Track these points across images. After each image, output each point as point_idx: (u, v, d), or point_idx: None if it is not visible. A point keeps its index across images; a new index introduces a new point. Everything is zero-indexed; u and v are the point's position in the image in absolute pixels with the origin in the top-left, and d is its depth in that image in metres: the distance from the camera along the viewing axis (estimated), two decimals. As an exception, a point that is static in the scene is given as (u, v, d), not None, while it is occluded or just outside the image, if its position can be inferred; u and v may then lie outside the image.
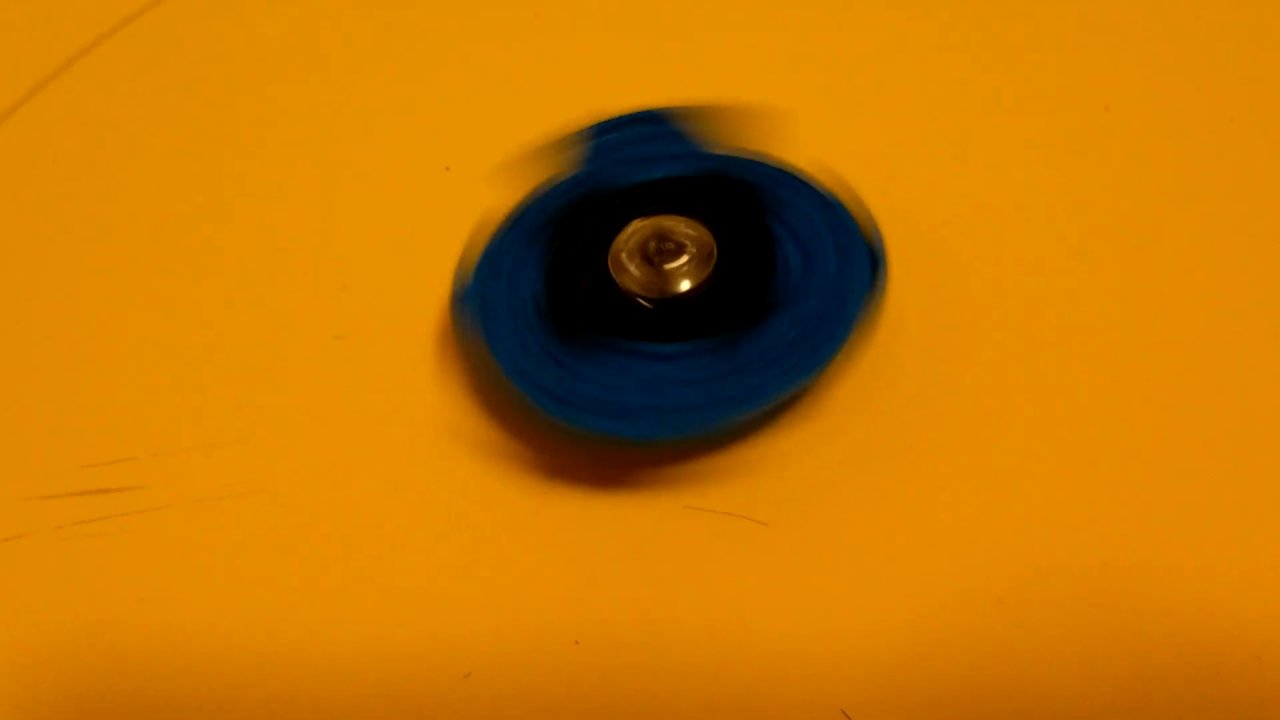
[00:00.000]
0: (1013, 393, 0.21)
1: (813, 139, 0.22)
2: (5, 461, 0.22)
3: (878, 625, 0.19)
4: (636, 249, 0.20)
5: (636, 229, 0.21)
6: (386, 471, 0.21)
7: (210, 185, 0.26)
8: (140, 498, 0.21)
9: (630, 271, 0.20)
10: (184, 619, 0.20)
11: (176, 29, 0.30)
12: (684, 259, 0.20)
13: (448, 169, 0.26)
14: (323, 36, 0.29)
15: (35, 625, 0.20)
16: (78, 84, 0.29)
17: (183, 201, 0.26)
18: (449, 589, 0.20)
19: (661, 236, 0.21)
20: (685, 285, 0.20)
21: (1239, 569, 0.19)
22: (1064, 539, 0.19)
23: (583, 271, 0.21)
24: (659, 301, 0.20)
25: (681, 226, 0.21)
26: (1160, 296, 0.22)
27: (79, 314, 0.24)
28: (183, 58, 0.29)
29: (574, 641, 0.19)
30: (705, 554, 0.20)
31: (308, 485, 0.21)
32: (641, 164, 0.22)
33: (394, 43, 0.29)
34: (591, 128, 0.23)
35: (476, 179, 0.24)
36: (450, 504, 0.21)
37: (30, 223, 0.26)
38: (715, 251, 0.20)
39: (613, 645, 0.19)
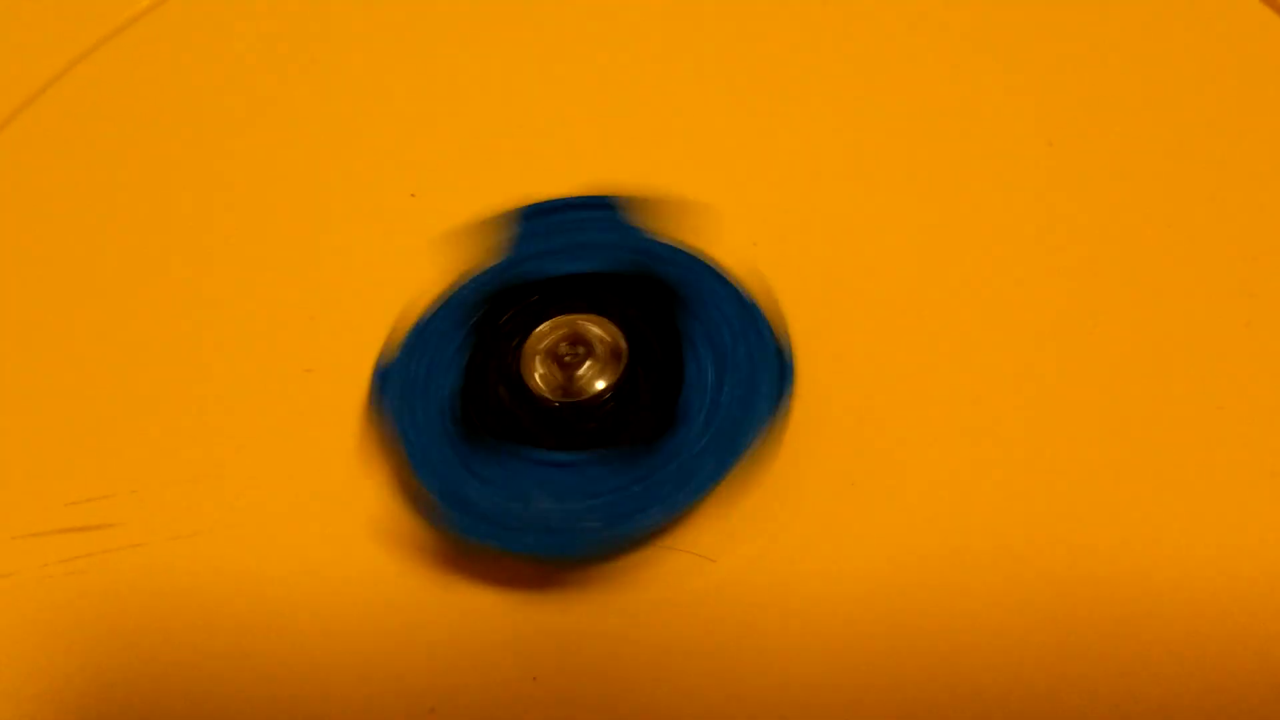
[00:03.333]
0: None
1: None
2: (-6, 500, 0.23)
3: (820, 661, 0.20)
4: (548, 351, 0.21)
5: (550, 328, 0.21)
6: (357, 507, 0.22)
7: (176, 220, 0.27)
8: (118, 534, 0.22)
9: (540, 372, 0.21)
10: (162, 654, 0.21)
11: (143, 58, 0.30)
12: (589, 364, 0.21)
13: (413, 195, 0.26)
14: (296, 67, 0.29)
15: (25, 662, 0.21)
16: (53, 122, 0.29)
17: (152, 238, 0.26)
18: (414, 625, 0.21)
19: (574, 339, 0.21)
20: (597, 387, 0.21)
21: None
22: (1020, 572, 0.20)
23: (495, 368, 0.21)
24: (566, 405, 0.20)
25: (594, 328, 0.21)
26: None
27: (55, 353, 0.25)
28: (155, 81, 0.29)
29: (531, 678, 0.20)
30: (656, 589, 0.21)
31: (279, 520, 0.22)
32: (568, 252, 0.22)
33: (364, 75, 0.29)
34: (522, 209, 0.23)
35: (442, 207, 0.24)
36: (419, 540, 0.22)
37: None
38: (625, 355, 0.21)
39: (569, 680, 0.20)
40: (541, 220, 0.23)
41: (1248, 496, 0.20)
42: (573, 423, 0.20)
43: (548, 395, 0.21)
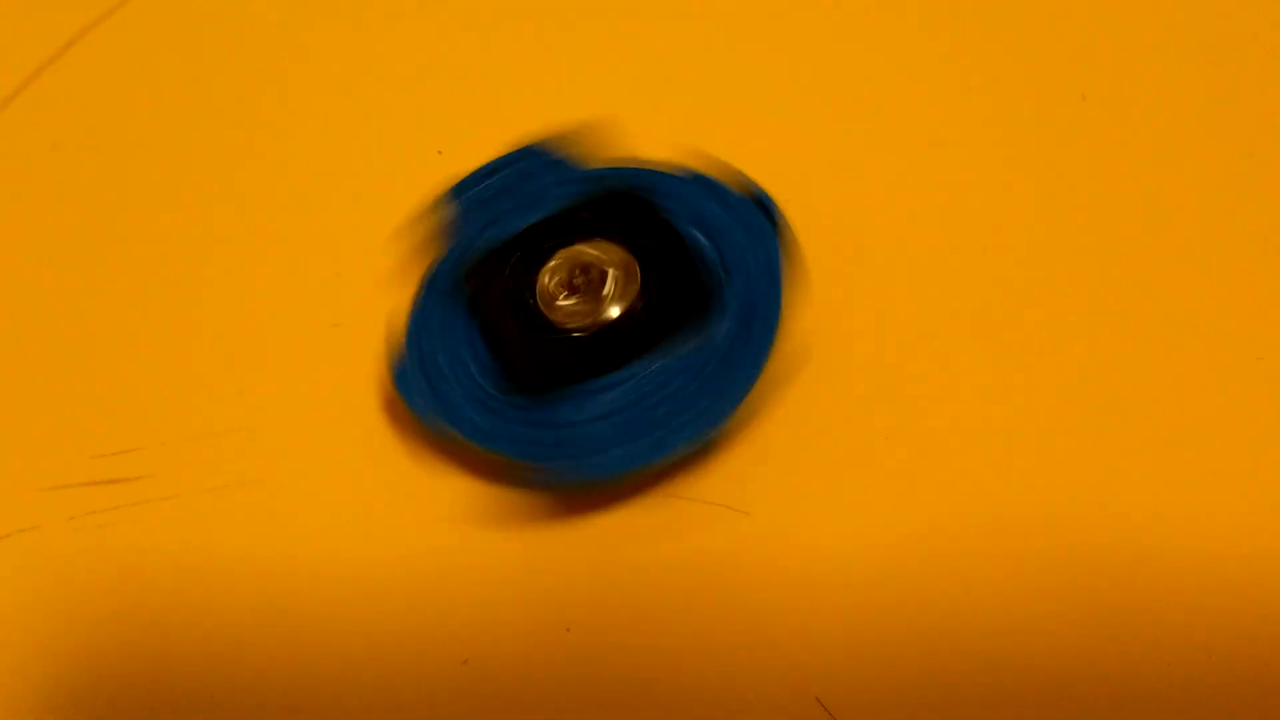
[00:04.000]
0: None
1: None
2: (18, 452, 0.23)
3: (851, 614, 0.20)
4: (562, 284, 0.21)
5: (553, 268, 0.21)
6: (389, 458, 0.22)
7: (205, 174, 0.26)
8: (148, 487, 0.22)
9: (564, 307, 0.21)
10: (191, 606, 0.21)
11: (157, 25, 0.30)
12: (610, 280, 0.21)
13: (440, 152, 0.26)
14: (316, 25, 0.29)
15: (53, 614, 0.21)
16: (67, 76, 0.29)
17: (180, 192, 0.26)
18: (447, 577, 0.21)
19: (582, 267, 0.21)
20: (621, 304, 0.20)
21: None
22: (1041, 521, 0.20)
23: (517, 323, 0.21)
24: (602, 329, 0.20)
25: (593, 250, 0.21)
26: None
27: (84, 307, 0.25)
28: (170, 48, 0.29)
29: (565, 629, 0.20)
30: (689, 541, 0.21)
31: (310, 472, 0.22)
32: (520, 208, 0.22)
33: (386, 34, 0.29)
34: (452, 189, 0.23)
35: (468, 162, 0.24)
36: (451, 491, 0.22)
37: (32, 219, 0.26)
38: (636, 264, 0.21)
39: (602, 631, 0.20)
40: (474, 191, 0.23)
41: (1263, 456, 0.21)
42: (615, 341, 0.20)
43: (581, 326, 0.20)
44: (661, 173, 0.22)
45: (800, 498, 0.21)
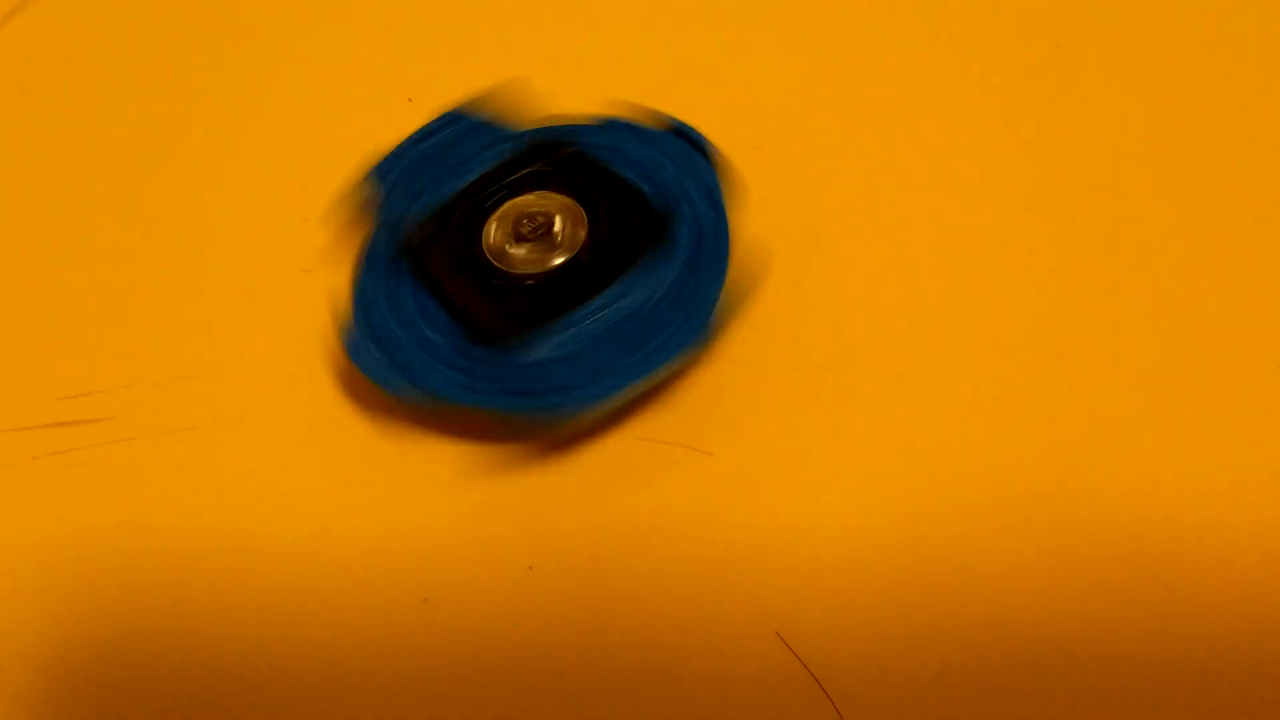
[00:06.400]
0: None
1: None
2: (-19, 394, 0.23)
3: (810, 551, 0.20)
4: (511, 234, 0.21)
5: (498, 221, 0.21)
6: (350, 404, 0.22)
7: (171, 119, 0.26)
8: (111, 429, 0.22)
9: (518, 254, 0.21)
10: (151, 546, 0.21)
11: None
12: (558, 221, 0.21)
13: (410, 100, 0.26)
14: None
15: (14, 552, 0.21)
16: (31, 21, 0.29)
17: (145, 136, 0.26)
18: (408, 517, 0.21)
19: (528, 216, 0.21)
20: (568, 253, 0.21)
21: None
22: (997, 457, 0.20)
23: (472, 278, 0.21)
24: (559, 269, 0.20)
25: (534, 199, 0.21)
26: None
27: (50, 249, 0.25)
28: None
29: (527, 567, 0.20)
30: (652, 481, 0.21)
31: (274, 416, 0.22)
32: (449, 171, 0.22)
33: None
34: (374, 168, 0.23)
35: (442, 102, 0.24)
36: (415, 431, 0.22)
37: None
38: (578, 205, 0.21)
39: (563, 569, 0.20)
40: (397, 166, 0.23)
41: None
42: (571, 282, 0.20)
43: (533, 273, 0.21)
44: (582, 125, 0.22)
45: (762, 438, 0.21)
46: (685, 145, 0.22)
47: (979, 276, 0.22)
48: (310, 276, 0.24)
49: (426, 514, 0.21)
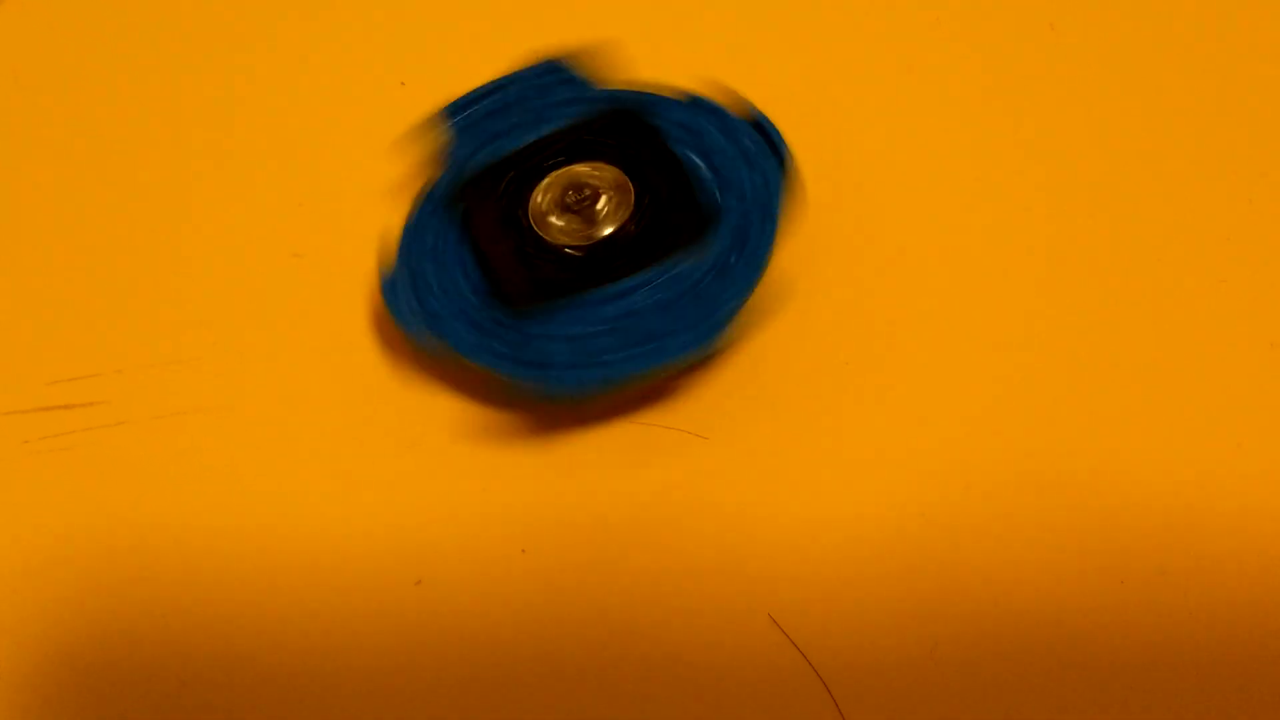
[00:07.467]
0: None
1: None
2: (-28, 378, 0.23)
3: (803, 533, 0.20)
4: (555, 203, 0.21)
5: (547, 186, 0.21)
6: (342, 387, 0.22)
7: (166, 105, 0.26)
8: (103, 413, 0.22)
9: (558, 225, 0.21)
10: (144, 528, 0.21)
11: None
12: (604, 200, 0.21)
13: (403, 84, 0.26)
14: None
15: (4, 538, 0.21)
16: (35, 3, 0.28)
17: (141, 122, 0.26)
18: (401, 500, 0.21)
19: (576, 186, 0.21)
20: (617, 220, 0.20)
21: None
22: (989, 441, 0.20)
23: (513, 239, 0.21)
24: (596, 245, 0.20)
25: (587, 169, 0.21)
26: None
27: (41, 233, 0.24)
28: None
29: (521, 550, 0.20)
30: (647, 465, 0.21)
31: (266, 400, 0.22)
32: (519, 127, 0.22)
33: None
34: (447, 108, 0.22)
35: (431, 94, 0.24)
36: (404, 417, 0.21)
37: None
38: (630, 183, 0.21)
39: (557, 552, 0.20)
40: (470, 110, 0.22)
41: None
42: (605, 259, 0.20)
43: (573, 244, 0.20)
44: (662, 96, 0.22)
45: (759, 424, 0.21)
46: (762, 142, 0.21)
47: (973, 269, 0.22)
48: (301, 261, 0.23)
49: (418, 498, 0.21)
